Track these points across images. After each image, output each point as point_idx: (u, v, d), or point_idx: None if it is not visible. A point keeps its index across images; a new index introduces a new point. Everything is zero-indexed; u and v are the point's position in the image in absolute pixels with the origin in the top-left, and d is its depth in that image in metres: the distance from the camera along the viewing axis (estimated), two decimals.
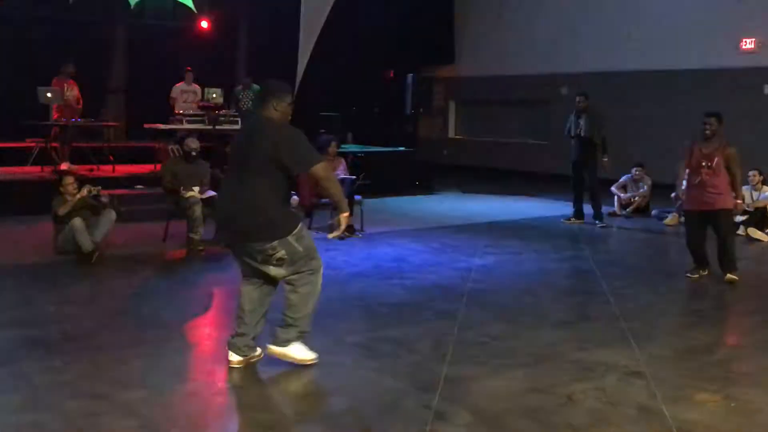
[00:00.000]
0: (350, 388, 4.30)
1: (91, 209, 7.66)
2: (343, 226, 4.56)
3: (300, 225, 4.47)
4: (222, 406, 4.19)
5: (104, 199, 7.67)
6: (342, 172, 9.62)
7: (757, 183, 10.23)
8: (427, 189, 14.08)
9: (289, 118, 4.49)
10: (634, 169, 11.78)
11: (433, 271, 7.51)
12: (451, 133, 19.98)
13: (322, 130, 12.31)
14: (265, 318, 4.63)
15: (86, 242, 7.35)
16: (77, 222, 7.32)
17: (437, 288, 6.79)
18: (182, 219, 8.22)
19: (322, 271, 4.54)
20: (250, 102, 12.67)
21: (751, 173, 10.17)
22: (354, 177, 9.61)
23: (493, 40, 18.12)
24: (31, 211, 9.61)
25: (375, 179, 11.96)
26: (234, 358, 4.54)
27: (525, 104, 17.96)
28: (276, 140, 4.25)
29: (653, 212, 11.35)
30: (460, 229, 10.08)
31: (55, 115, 11.00)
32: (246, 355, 4.56)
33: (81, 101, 11.49)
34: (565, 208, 11.24)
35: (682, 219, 10.49)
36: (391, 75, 19.07)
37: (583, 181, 10.61)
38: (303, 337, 4.53)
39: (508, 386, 4.38)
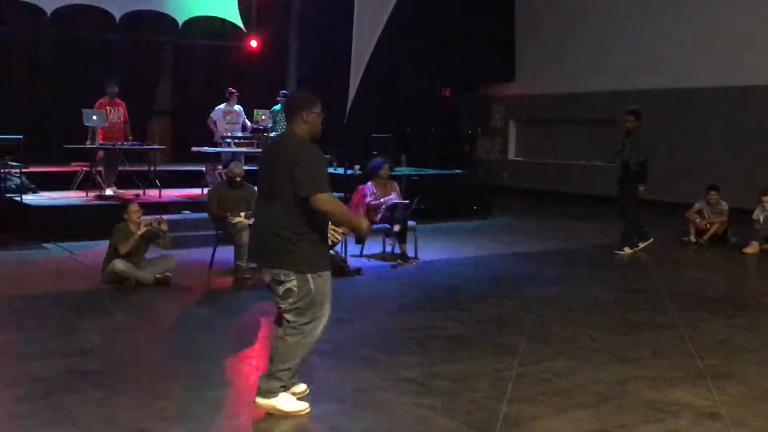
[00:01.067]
0: (402, 427, 4.27)
1: (150, 240, 7.84)
2: (363, 236, 4.45)
3: (328, 271, 4.41)
4: None
5: (164, 227, 7.84)
6: (395, 197, 9.65)
7: None
8: (485, 214, 14.02)
9: (320, 129, 4.46)
10: (709, 193, 11.54)
11: (492, 301, 7.45)
12: (511, 155, 19.88)
13: (375, 152, 12.40)
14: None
15: (144, 276, 7.62)
16: (120, 266, 7.52)
17: (496, 320, 6.74)
18: (229, 245, 8.34)
19: (324, 323, 4.41)
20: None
21: None
22: (408, 201, 9.63)
23: (556, 56, 18.02)
24: (75, 237, 9.89)
25: (430, 203, 12.00)
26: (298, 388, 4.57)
27: (590, 123, 17.77)
28: (296, 158, 4.24)
29: (732, 239, 11.08)
30: (521, 257, 10.01)
31: (100, 137, 11.31)
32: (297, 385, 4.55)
33: (127, 123, 11.78)
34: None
35: (766, 246, 10.26)
36: (448, 94, 19.13)
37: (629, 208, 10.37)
38: (288, 389, 4.44)
39: (572, 427, 4.30)
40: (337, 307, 6.90)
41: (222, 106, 12.79)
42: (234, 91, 12.88)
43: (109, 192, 11.31)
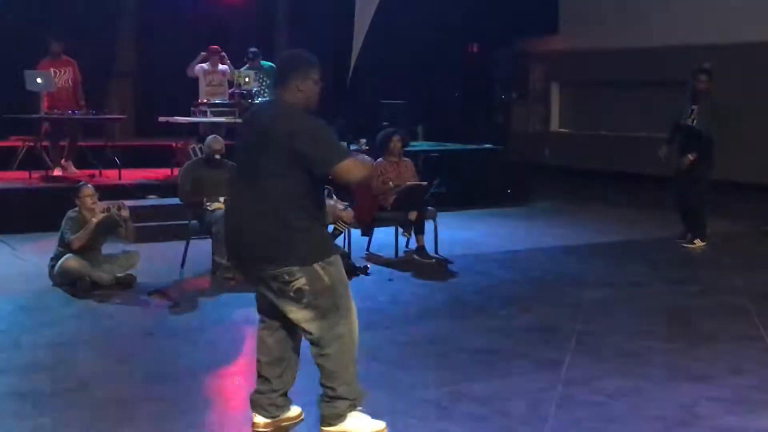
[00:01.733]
0: None
1: (109, 229, 7.90)
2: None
3: (337, 254, 4.47)
4: None
5: (124, 214, 7.89)
6: (411, 178, 9.67)
7: None
8: (522, 198, 14.05)
9: (316, 101, 4.47)
10: None
11: (530, 307, 7.50)
12: (554, 126, 19.87)
13: (384, 123, 12.43)
14: (295, 368, 4.66)
15: (101, 276, 7.70)
16: (71, 263, 7.59)
17: (535, 330, 6.78)
18: (206, 238, 8.40)
19: (355, 313, 4.50)
20: (262, 85, 12.66)
21: None
22: (426, 183, 9.66)
23: (610, 2, 17.97)
24: (17, 229, 9.97)
25: (453, 186, 12.02)
26: (259, 420, 4.59)
27: (653, 87, 17.71)
28: (293, 129, 4.23)
29: None
30: (566, 252, 10.07)
31: (45, 105, 11.36)
32: (274, 416, 4.60)
33: (79, 86, 11.82)
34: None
35: None
36: (476, 50, 19.11)
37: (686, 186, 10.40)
38: (357, 406, 4.52)
39: None
40: None
41: (205, 65, 12.79)
42: (216, 48, 12.86)
43: (57, 172, 11.38)
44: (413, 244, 9.48)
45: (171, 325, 6.98)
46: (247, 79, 12.29)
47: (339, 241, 8.99)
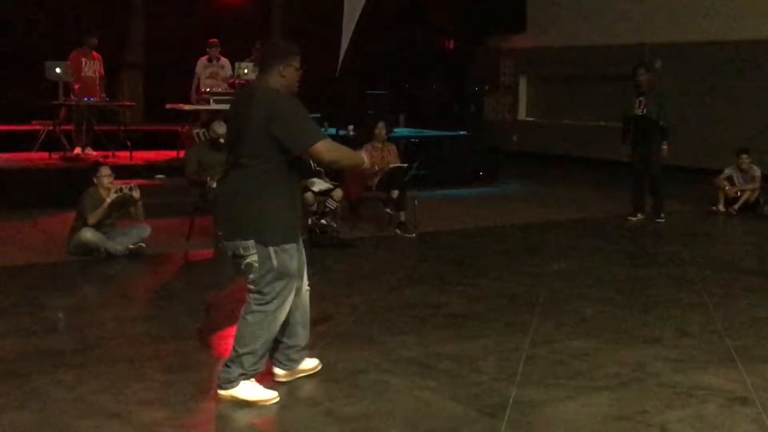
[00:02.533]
0: (404, 411, 4.34)
1: (121, 208, 7.87)
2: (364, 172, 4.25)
3: (295, 243, 4.38)
4: (254, 428, 4.27)
5: (136, 195, 7.85)
6: (393, 161, 9.67)
7: None
8: (492, 180, 14.07)
9: (295, 87, 4.41)
10: (740, 156, 11.57)
11: (499, 277, 7.53)
12: (522, 115, 19.88)
13: (370, 111, 12.42)
14: (306, 326, 4.67)
15: (115, 247, 7.64)
16: (88, 235, 7.55)
17: (505, 296, 6.80)
18: (209, 214, 8.36)
19: (288, 302, 4.38)
20: None
21: None
22: (406, 165, 9.66)
23: (573, 3, 17.95)
24: (38, 204, 9.93)
25: (431, 169, 12.03)
26: (277, 371, 4.65)
27: (611, 80, 17.73)
28: (269, 112, 4.15)
29: (765, 209, 11.15)
30: (532, 228, 10.09)
31: (73, 93, 11.32)
32: (290, 369, 4.65)
33: (102, 78, 11.76)
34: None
35: None
36: (451, 46, 19.07)
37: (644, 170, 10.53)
38: (249, 378, 4.40)
39: (590, 412, 4.37)
40: (331, 282, 7.07)
41: (204, 58, 12.73)
42: (215, 40, 12.79)
43: (77, 151, 11.34)
44: (395, 220, 9.48)
45: (179, 290, 6.97)
46: (246, 71, 12.24)
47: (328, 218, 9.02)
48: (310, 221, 8.85)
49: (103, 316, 6.04)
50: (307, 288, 4.69)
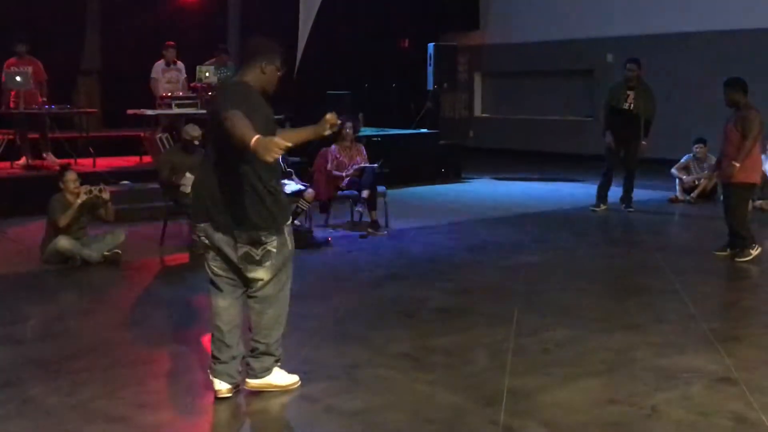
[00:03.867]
0: (405, 404, 4.42)
1: (91, 210, 7.82)
2: (266, 155, 3.73)
3: (290, 219, 4.51)
4: (258, 427, 4.31)
5: (105, 196, 7.81)
6: (362, 161, 9.74)
7: None
8: (455, 176, 14.21)
9: (274, 87, 4.38)
10: (696, 146, 11.85)
11: (476, 270, 7.65)
12: (477, 111, 20.08)
13: (332, 112, 12.43)
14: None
15: (91, 254, 7.60)
16: (63, 243, 7.51)
17: (484, 290, 6.93)
18: (182, 218, 8.36)
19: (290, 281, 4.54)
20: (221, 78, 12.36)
21: None
22: (375, 165, 9.72)
23: (523, 1, 18.18)
24: (4, 214, 9.79)
25: (395, 167, 12.09)
26: (222, 386, 4.45)
27: (564, 75, 18.04)
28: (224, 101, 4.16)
29: (722, 197, 11.42)
30: (501, 222, 10.22)
31: (11, 103, 11.13)
32: (236, 381, 4.49)
33: (43, 83, 11.52)
34: (615, 193, 11.33)
35: (756, 203, 10.62)
36: (406, 45, 19.17)
37: (619, 162, 10.78)
38: (279, 363, 4.57)
39: (582, 397, 4.50)
40: (309, 282, 7.12)
41: (160, 62, 12.60)
42: (172, 43, 12.64)
43: (22, 161, 11.20)
44: (366, 219, 9.54)
45: (160, 295, 6.97)
46: (207, 74, 12.19)
47: (301, 218, 9.06)
48: None
49: (89, 324, 6.01)
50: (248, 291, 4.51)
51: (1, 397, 4.52)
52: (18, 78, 10.89)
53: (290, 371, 4.67)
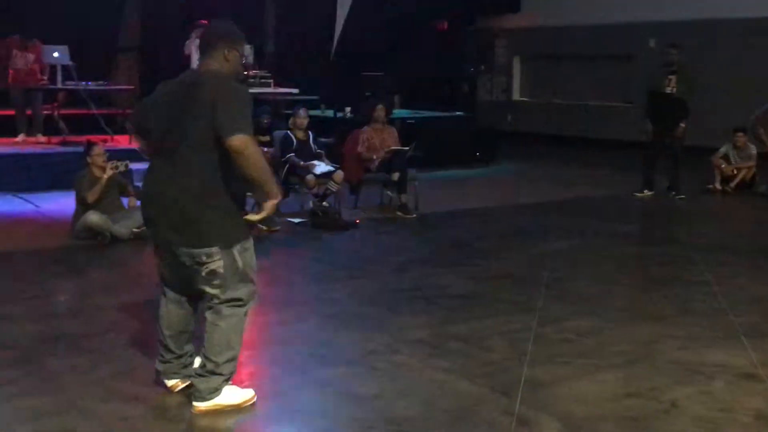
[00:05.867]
0: (418, 391, 4.37)
1: (119, 188, 7.87)
2: (263, 214, 3.92)
3: (250, 239, 4.07)
4: (271, 411, 4.30)
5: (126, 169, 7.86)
6: (393, 143, 9.68)
7: None
8: (490, 161, 14.09)
9: (240, 73, 4.20)
10: (737, 134, 11.62)
11: (503, 257, 7.56)
12: (516, 95, 19.87)
13: (368, 93, 12.40)
14: (192, 335, 4.32)
15: (120, 230, 7.62)
16: (93, 218, 7.55)
17: (508, 277, 6.84)
18: None
19: (252, 303, 4.12)
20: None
21: None
22: (406, 148, 9.66)
23: None
24: (38, 188, 9.91)
25: (428, 150, 12.03)
26: (173, 382, 4.28)
27: (604, 60, 17.75)
28: (214, 97, 3.76)
29: (762, 187, 11.20)
30: (532, 208, 10.12)
31: (10, 79, 11.27)
32: (185, 376, 4.27)
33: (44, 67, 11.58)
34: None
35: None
36: (445, 27, 19.02)
37: (663, 148, 10.65)
38: (228, 382, 4.14)
39: (600, 390, 4.42)
40: (334, 264, 7.10)
41: (197, 40, 12.61)
42: (205, 22, 12.63)
43: (20, 138, 11.34)
44: (396, 202, 9.50)
45: None
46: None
47: (331, 199, 9.05)
48: (311, 204, 8.86)
49: (113, 300, 6.04)
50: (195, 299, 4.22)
51: (20, 373, 4.55)
52: (55, 54, 10.98)
53: (307, 355, 4.64)
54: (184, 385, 4.26)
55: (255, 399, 4.19)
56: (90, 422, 3.95)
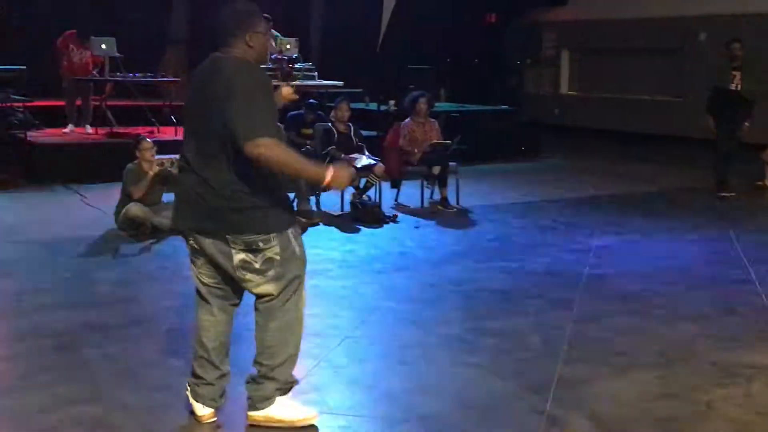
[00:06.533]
0: (449, 388, 4.32)
1: (162, 181, 7.92)
2: (341, 186, 3.61)
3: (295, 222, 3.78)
4: (300, 405, 4.27)
5: (175, 171, 7.88)
6: (436, 137, 9.61)
7: None
8: (534, 155, 13.95)
9: (267, 55, 3.77)
10: None
11: (543, 252, 7.45)
12: (564, 89, 19.62)
13: (411, 86, 12.32)
14: (229, 350, 3.97)
15: (161, 222, 7.64)
16: (134, 210, 7.61)
17: (548, 273, 6.75)
18: None
19: (304, 291, 3.79)
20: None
21: None
22: (449, 141, 9.59)
23: None
24: (86, 179, 10.05)
25: (472, 143, 11.92)
26: (205, 411, 3.85)
27: (654, 53, 17.44)
28: (227, 92, 3.39)
29: None
30: (575, 203, 9.98)
31: (65, 69, 11.42)
32: (219, 406, 3.90)
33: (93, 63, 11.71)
34: (700, 177, 10.93)
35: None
36: (493, 19, 18.85)
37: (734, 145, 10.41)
38: (287, 392, 3.86)
39: (634, 390, 4.32)
40: (372, 258, 7.06)
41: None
42: (268, 17, 12.72)
43: (67, 129, 11.45)
44: (437, 196, 9.43)
45: None
46: (288, 46, 12.19)
47: (371, 193, 9.01)
48: (351, 196, 8.84)
49: (151, 291, 6.09)
50: (236, 303, 3.93)
51: (54, 360, 4.60)
52: (103, 45, 11.10)
53: (339, 349, 4.59)
54: (212, 419, 3.87)
55: (317, 419, 3.86)
56: (120, 412, 3.97)
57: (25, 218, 8.46)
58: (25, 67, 11.02)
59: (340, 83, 12.51)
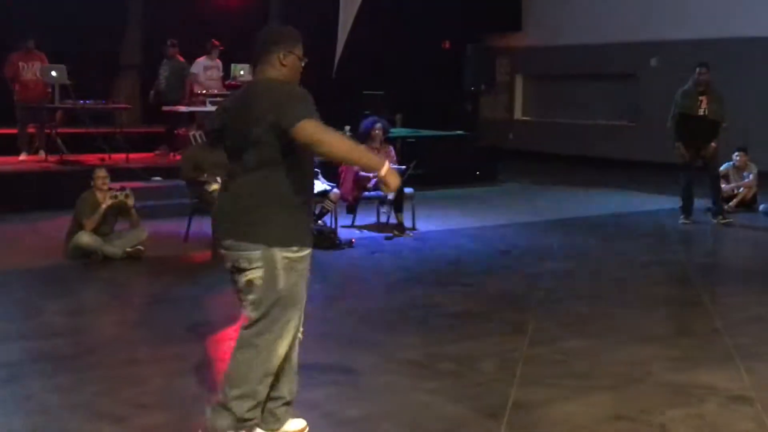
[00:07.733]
0: (404, 413, 4.33)
1: (117, 211, 7.86)
2: (392, 185, 3.57)
3: (307, 251, 3.66)
4: None
5: (130, 202, 7.85)
6: (391, 162, 9.65)
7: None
8: (490, 179, 14.07)
9: (299, 77, 3.78)
10: (736, 154, 11.57)
11: (498, 276, 7.53)
12: (518, 114, 19.88)
13: (367, 112, 12.39)
14: (293, 377, 3.91)
15: (113, 250, 7.62)
16: (84, 239, 7.56)
17: (503, 296, 6.81)
18: (207, 216, 8.33)
19: (291, 334, 3.68)
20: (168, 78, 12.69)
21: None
22: (404, 167, 9.64)
23: (568, 3, 17.96)
24: (34, 207, 9.91)
25: (428, 168, 12.03)
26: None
27: (607, 79, 17.75)
28: (269, 103, 3.50)
29: (761, 207, 11.14)
30: (529, 227, 10.08)
31: (18, 96, 11.35)
32: (273, 429, 3.84)
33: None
34: (654, 201, 11.11)
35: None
36: (448, 46, 19.05)
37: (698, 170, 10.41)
38: (246, 428, 3.68)
39: (589, 412, 4.36)
40: (329, 283, 7.07)
41: (203, 59, 12.75)
42: (218, 43, 12.81)
43: (22, 157, 11.35)
44: (393, 221, 9.47)
45: (176, 293, 6.95)
46: (242, 72, 12.25)
47: (327, 218, 9.02)
48: None
49: (101, 320, 6.04)
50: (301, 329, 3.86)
51: (3, 393, 4.53)
52: (54, 73, 11.02)
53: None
54: None
55: None
56: None
57: None
58: None
59: None
